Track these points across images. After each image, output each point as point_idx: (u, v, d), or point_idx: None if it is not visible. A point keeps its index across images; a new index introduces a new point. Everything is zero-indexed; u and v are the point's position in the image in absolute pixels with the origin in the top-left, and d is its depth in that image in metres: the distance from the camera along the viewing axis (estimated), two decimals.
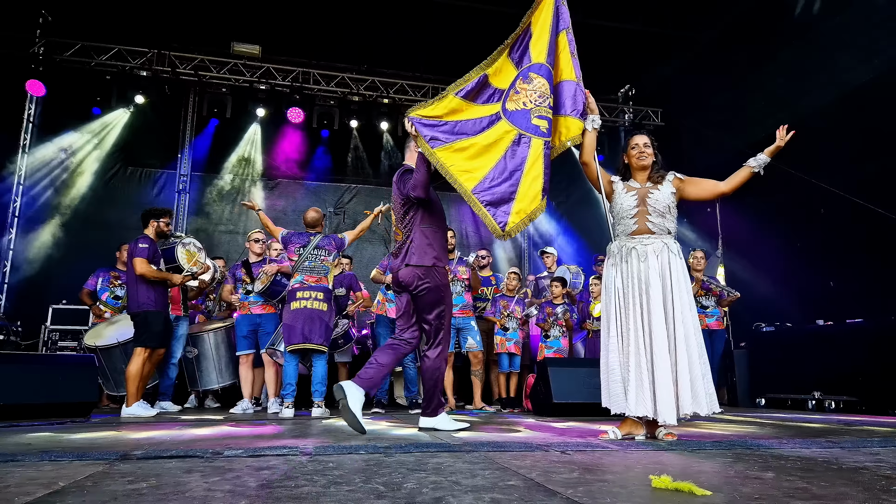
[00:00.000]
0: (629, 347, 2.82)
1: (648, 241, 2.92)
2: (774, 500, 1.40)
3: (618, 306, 2.90)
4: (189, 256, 4.81)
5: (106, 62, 8.14)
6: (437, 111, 3.19)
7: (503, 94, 3.26)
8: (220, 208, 9.06)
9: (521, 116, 3.17)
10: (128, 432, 3.13)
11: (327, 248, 4.83)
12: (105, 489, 1.49)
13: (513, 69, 3.29)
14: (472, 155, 3.15)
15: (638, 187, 3.03)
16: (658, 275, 2.85)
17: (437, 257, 3.25)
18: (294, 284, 4.68)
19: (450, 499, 1.39)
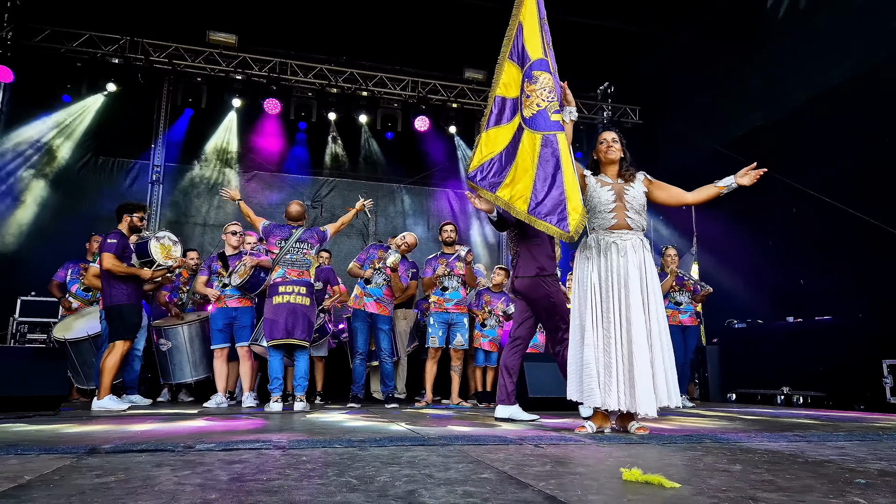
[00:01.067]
0: (609, 341, 2.82)
1: (627, 237, 2.97)
2: (741, 492, 1.43)
3: (594, 300, 2.90)
4: (163, 250, 4.74)
5: (77, 48, 7.92)
6: (481, 153, 3.25)
7: (518, 103, 3.25)
8: (195, 200, 8.89)
9: (539, 119, 3.13)
10: (97, 426, 3.07)
11: (310, 241, 4.79)
12: (72, 483, 1.45)
13: (518, 72, 3.27)
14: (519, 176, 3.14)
15: (611, 182, 3.10)
16: (637, 269, 2.90)
17: (541, 267, 3.60)
18: (276, 278, 4.61)
19: (422, 492, 1.39)
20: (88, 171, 8.44)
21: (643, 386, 2.72)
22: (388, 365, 5.25)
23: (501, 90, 3.27)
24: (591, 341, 2.85)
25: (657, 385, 2.76)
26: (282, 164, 9.26)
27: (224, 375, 5.11)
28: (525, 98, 3.19)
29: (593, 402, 2.82)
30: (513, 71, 3.27)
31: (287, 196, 9.09)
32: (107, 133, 8.43)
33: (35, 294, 6.59)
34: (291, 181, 9.28)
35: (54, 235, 7.55)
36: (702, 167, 8.25)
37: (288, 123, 9.07)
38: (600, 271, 2.94)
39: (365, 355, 5.20)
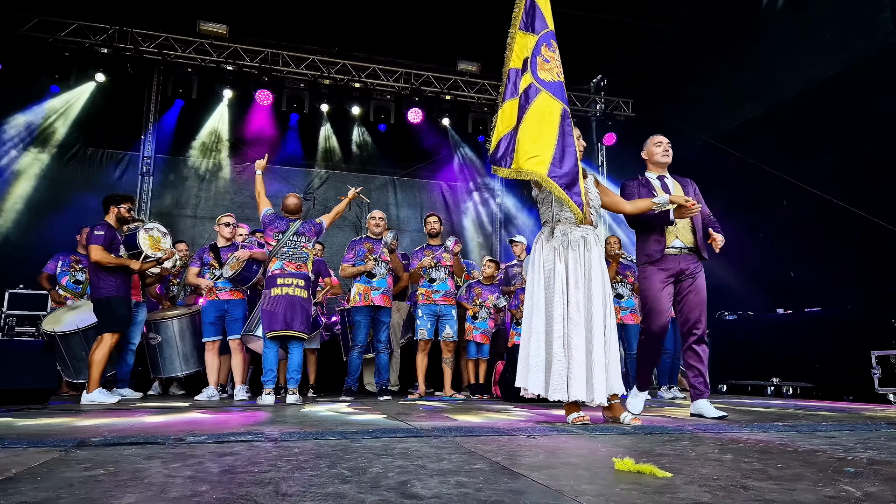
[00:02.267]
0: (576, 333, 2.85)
1: (590, 233, 3.07)
2: (732, 480, 1.44)
3: (562, 293, 2.91)
4: (152, 242, 4.69)
5: (65, 38, 7.80)
6: (499, 130, 3.03)
7: (528, 63, 3.03)
8: (185, 192, 8.81)
9: (559, 89, 3.01)
10: (87, 419, 3.05)
11: (307, 234, 4.77)
12: (60, 476, 1.44)
13: (531, 36, 3.08)
14: (532, 136, 2.90)
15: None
16: (598, 264, 3.02)
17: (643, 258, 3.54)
18: (274, 270, 4.61)
19: (415, 482, 1.39)
20: (77, 162, 8.35)
21: (599, 376, 2.83)
22: (384, 357, 5.26)
23: (514, 62, 3.10)
24: (560, 334, 2.87)
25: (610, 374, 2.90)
26: (274, 156, 9.16)
27: (216, 368, 5.09)
28: (543, 61, 3.03)
29: (559, 395, 2.81)
30: (524, 40, 3.09)
31: (279, 188, 9.02)
32: (96, 124, 8.35)
33: (23, 287, 6.53)
34: (284, 173, 9.22)
35: (43, 227, 7.49)
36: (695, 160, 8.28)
37: (280, 115, 9.00)
38: (568, 265, 2.96)
39: (363, 348, 5.20)
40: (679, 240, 3.42)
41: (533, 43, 3.07)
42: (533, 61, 3.04)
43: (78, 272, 5.81)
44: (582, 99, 9.84)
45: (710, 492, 1.31)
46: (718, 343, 6.76)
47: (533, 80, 3.00)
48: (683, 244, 3.43)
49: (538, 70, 3.02)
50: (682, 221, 3.41)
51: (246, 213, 8.60)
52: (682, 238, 3.43)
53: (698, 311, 3.39)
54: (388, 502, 1.19)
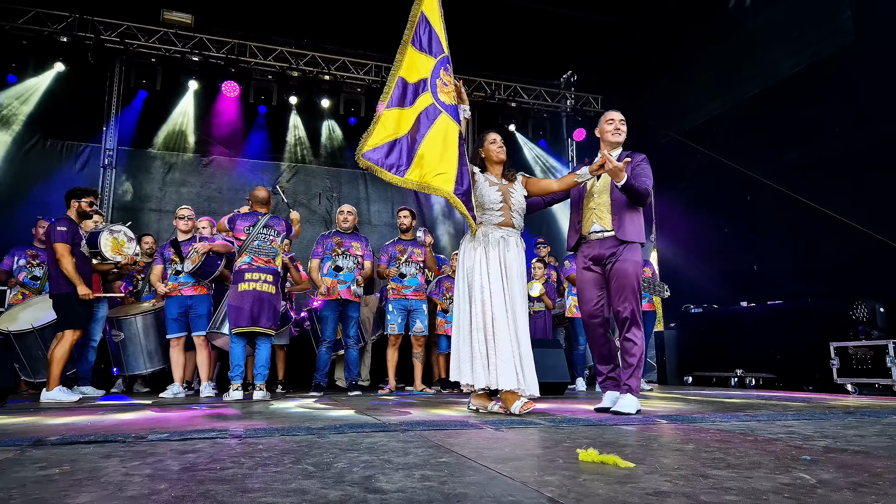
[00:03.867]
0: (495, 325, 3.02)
1: (511, 234, 3.25)
2: (692, 469, 1.47)
3: (482, 288, 3.08)
4: (115, 245, 4.55)
5: (22, 26, 7.50)
6: (380, 135, 3.14)
7: (428, 84, 3.24)
8: (149, 185, 8.57)
9: (455, 112, 3.23)
10: (45, 418, 2.95)
11: (276, 227, 4.70)
12: (13, 476, 1.39)
13: (427, 58, 3.28)
14: (438, 156, 3.12)
15: (498, 182, 3.32)
16: (517, 264, 3.20)
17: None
18: (242, 265, 4.52)
19: (380, 476, 1.38)
20: (35, 154, 8.03)
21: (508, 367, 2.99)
22: (353, 352, 5.23)
23: (404, 72, 3.26)
24: (480, 327, 3.05)
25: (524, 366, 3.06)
26: (241, 149, 9.01)
27: (181, 365, 4.98)
28: (443, 85, 3.25)
29: (480, 383, 3.02)
30: (417, 56, 3.29)
31: (246, 181, 8.86)
32: (55, 115, 8.03)
33: None
34: (251, 166, 9.04)
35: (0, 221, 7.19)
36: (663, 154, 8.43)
37: (247, 107, 8.81)
38: (490, 261, 3.14)
39: (332, 343, 5.17)
40: (597, 223, 3.28)
41: (432, 66, 3.27)
42: (433, 83, 3.24)
43: (35, 268, 5.61)
44: (552, 94, 9.92)
45: (670, 481, 1.33)
46: (684, 336, 6.93)
47: (434, 100, 3.22)
48: (602, 227, 3.26)
49: (438, 92, 3.23)
50: (600, 204, 3.29)
51: (213, 207, 8.41)
52: (599, 221, 3.28)
53: (621, 296, 3.17)
54: (352, 497, 1.18)
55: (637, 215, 3.27)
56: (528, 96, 9.73)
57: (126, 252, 4.62)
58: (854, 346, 4.86)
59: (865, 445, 1.88)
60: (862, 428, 2.37)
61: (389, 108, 3.19)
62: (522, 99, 9.69)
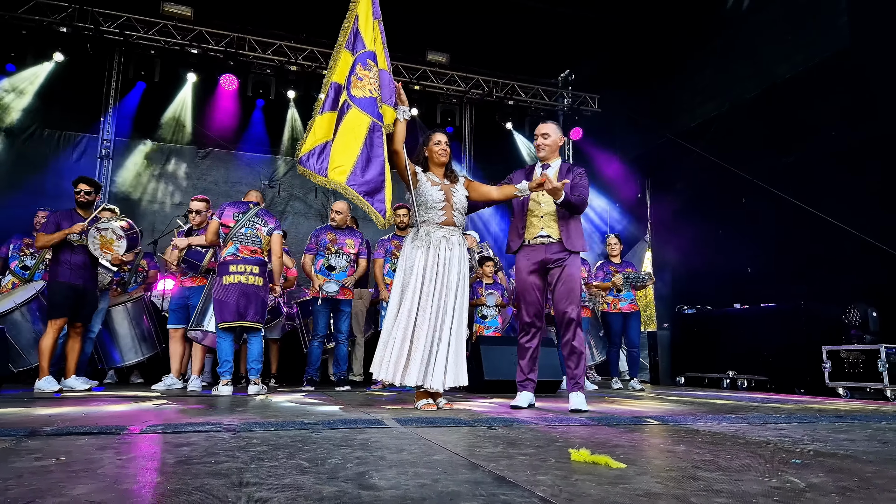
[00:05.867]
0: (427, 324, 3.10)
1: (453, 233, 3.32)
2: (683, 471, 1.48)
3: (417, 286, 3.16)
4: (103, 242, 4.45)
5: (22, 16, 7.46)
6: (311, 140, 3.26)
7: (346, 80, 3.33)
8: (146, 176, 8.55)
9: (369, 104, 3.27)
10: (38, 408, 2.95)
11: (265, 217, 4.62)
12: (10, 466, 1.39)
13: (350, 56, 3.37)
14: (341, 149, 3.21)
15: (440, 182, 3.39)
16: (457, 263, 3.26)
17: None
18: (227, 256, 4.38)
19: (373, 473, 1.39)
20: (33, 143, 8.02)
21: (440, 366, 3.09)
22: (343, 347, 5.23)
23: (336, 77, 3.36)
24: (411, 325, 3.12)
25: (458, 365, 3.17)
26: (238, 142, 9.00)
27: (179, 356, 4.98)
28: (356, 79, 3.30)
29: (395, 379, 3.08)
30: (347, 58, 3.38)
31: (243, 174, 8.87)
32: (53, 105, 8.03)
33: None
34: (248, 160, 9.03)
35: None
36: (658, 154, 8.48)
37: (245, 100, 8.81)
38: (428, 261, 3.21)
39: (324, 338, 5.17)
40: (544, 230, 3.42)
41: (350, 63, 3.35)
42: (349, 79, 3.32)
43: (27, 257, 5.56)
44: (550, 93, 9.94)
45: (661, 482, 1.35)
46: (677, 336, 6.96)
47: (346, 97, 3.29)
48: (548, 234, 3.41)
49: (351, 87, 3.30)
50: (547, 213, 3.41)
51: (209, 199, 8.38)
52: (547, 229, 3.42)
53: (569, 299, 3.33)
54: (346, 493, 1.19)
55: (580, 225, 3.47)
56: (526, 94, 9.74)
57: (115, 250, 4.51)
58: (846, 349, 4.90)
59: (855, 450, 1.90)
60: (852, 432, 2.39)
61: (322, 113, 3.31)
62: (520, 97, 9.70)
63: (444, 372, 3.11)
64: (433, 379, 3.09)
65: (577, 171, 3.46)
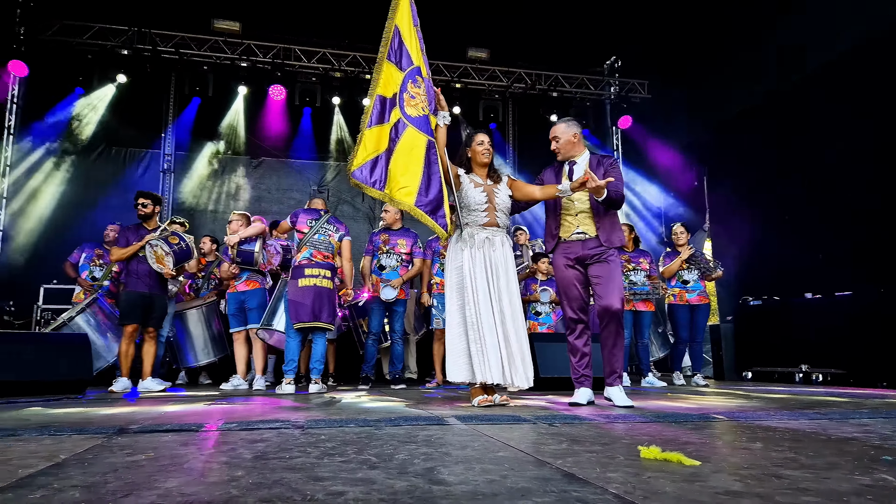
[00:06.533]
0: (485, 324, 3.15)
1: (496, 234, 3.37)
2: (763, 469, 1.42)
3: (473, 287, 3.21)
4: (157, 257, 4.74)
5: (87, 41, 7.96)
6: (363, 154, 3.34)
7: (398, 98, 3.38)
8: (204, 187, 8.94)
9: (423, 123, 3.34)
10: (123, 408, 3.14)
11: (336, 225, 4.83)
12: (105, 461, 1.49)
13: (398, 72, 3.42)
14: (402, 170, 3.29)
15: (483, 183, 3.42)
16: (503, 263, 3.30)
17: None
18: (302, 260, 4.62)
19: (441, 468, 1.41)
20: (102, 161, 8.53)
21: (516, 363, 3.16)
22: (398, 346, 5.32)
23: (381, 90, 3.41)
24: (472, 324, 3.17)
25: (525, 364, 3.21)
26: (288, 150, 9.29)
27: (242, 358, 5.19)
28: (409, 97, 3.37)
29: (476, 378, 3.14)
30: (392, 71, 3.43)
31: (294, 181, 9.16)
32: (118, 124, 8.52)
33: (57, 282, 6.74)
34: (298, 166, 9.30)
35: (72, 225, 7.70)
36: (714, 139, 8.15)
37: (293, 109, 9.08)
38: (475, 260, 3.25)
39: (378, 337, 5.28)
40: (580, 228, 3.37)
41: (401, 79, 3.40)
42: (401, 97, 3.38)
43: (96, 268, 5.89)
44: (595, 82, 9.73)
45: (740, 480, 1.30)
46: (742, 329, 6.67)
47: (401, 115, 3.36)
48: (584, 232, 3.36)
49: (405, 106, 3.36)
50: (581, 211, 3.37)
51: (262, 206, 8.73)
52: (582, 227, 3.37)
53: (610, 294, 3.26)
54: (417, 488, 1.21)
55: (616, 219, 3.41)
56: (570, 85, 9.57)
57: (166, 264, 4.74)
58: None
59: None
60: None
61: (370, 126, 3.36)
62: (564, 88, 9.54)
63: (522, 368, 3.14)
64: (512, 375, 3.13)
65: (608, 163, 3.37)
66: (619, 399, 3.20)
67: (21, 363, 3.79)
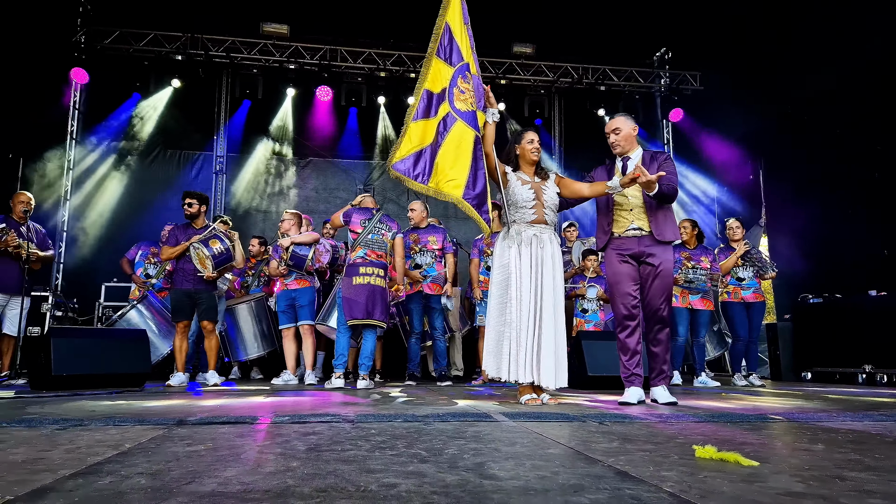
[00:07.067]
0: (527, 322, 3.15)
1: (544, 231, 3.34)
2: (825, 471, 1.37)
3: (518, 285, 3.21)
4: (199, 259, 4.90)
5: (143, 48, 8.33)
6: (406, 146, 3.35)
7: (447, 93, 3.39)
8: (255, 188, 9.22)
9: (471, 118, 3.37)
10: (180, 400, 3.28)
11: (389, 223, 4.91)
12: (167, 451, 1.57)
13: (447, 67, 3.43)
14: (450, 163, 3.30)
15: (530, 180, 3.40)
16: (550, 260, 3.27)
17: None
18: (356, 259, 4.72)
19: (490, 464, 1.41)
20: (158, 163, 8.91)
21: (547, 363, 3.12)
22: (441, 344, 5.35)
23: (429, 84, 3.41)
24: (514, 321, 3.17)
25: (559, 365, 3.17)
26: (334, 150, 9.46)
27: (292, 354, 5.33)
28: (459, 92, 3.38)
29: (514, 377, 3.15)
30: (441, 67, 3.44)
31: (340, 181, 9.32)
32: (173, 127, 8.87)
33: (117, 280, 7.09)
34: (345, 166, 9.46)
35: (131, 226, 8.08)
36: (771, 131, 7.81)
37: (339, 109, 9.24)
38: (522, 258, 3.25)
39: (420, 335, 5.35)
40: (635, 223, 3.35)
41: (450, 74, 3.41)
42: (451, 92, 3.38)
43: (150, 265, 6.15)
44: (645, 74, 9.47)
45: (802, 481, 1.25)
46: (801, 328, 6.38)
47: (450, 109, 3.36)
48: (639, 227, 3.33)
49: (455, 101, 3.37)
50: (636, 206, 3.34)
51: (310, 206, 8.92)
52: (637, 222, 3.35)
53: (663, 295, 3.29)
54: (468, 482, 1.22)
55: (671, 214, 3.37)
56: (619, 78, 9.35)
57: (207, 266, 4.86)
58: None
59: None
60: None
61: (416, 120, 3.38)
62: (612, 81, 9.33)
63: (553, 368, 3.15)
64: (539, 374, 3.13)
65: (661, 158, 3.37)
66: (662, 397, 3.23)
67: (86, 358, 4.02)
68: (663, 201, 3.27)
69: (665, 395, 3.23)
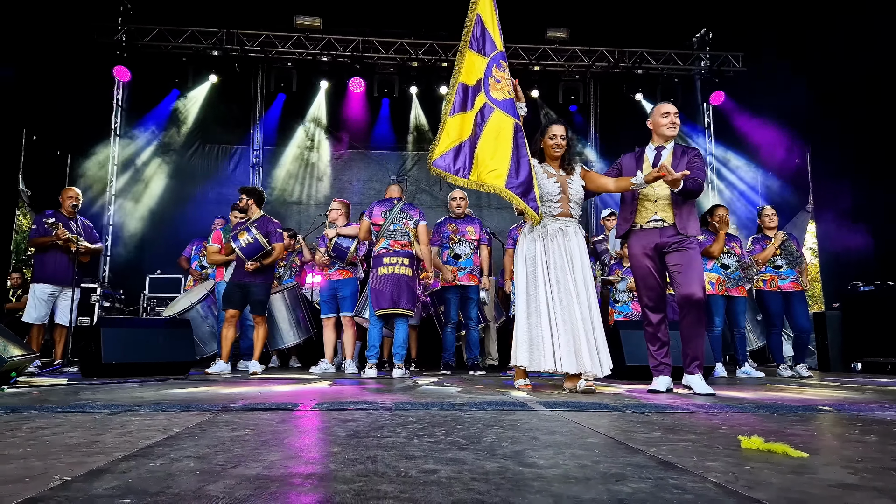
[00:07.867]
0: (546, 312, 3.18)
1: (569, 224, 3.37)
2: (879, 463, 1.31)
3: (544, 277, 3.24)
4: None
5: (181, 44, 8.52)
6: (445, 142, 3.36)
7: (482, 84, 3.36)
8: (290, 180, 9.37)
9: (509, 106, 3.35)
10: (222, 388, 3.38)
11: (409, 211, 4.92)
12: (213, 435, 1.62)
13: (481, 58, 3.40)
14: (490, 153, 3.27)
15: (556, 174, 3.42)
16: (577, 252, 3.31)
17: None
18: (380, 250, 4.78)
19: (529, 452, 1.41)
20: (197, 157, 9.15)
21: (583, 350, 3.13)
22: (474, 333, 5.36)
23: (464, 77, 3.39)
24: (544, 311, 3.20)
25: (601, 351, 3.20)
26: (368, 141, 9.52)
27: (331, 343, 5.42)
28: (494, 81, 3.34)
29: (545, 366, 3.15)
30: (474, 59, 3.41)
31: (373, 172, 9.38)
32: (211, 121, 9.08)
33: (161, 272, 7.33)
34: (378, 157, 9.51)
35: (173, 218, 8.35)
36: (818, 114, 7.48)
37: (372, 100, 9.28)
38: (547, 252, 3.28)
39: (456, 324, 5.37)
40: (658, 214, 3.35)
41: (485, 65, 3.38)
42: (486, 82, 3.36)
43: (203, 258, 6.39)
44: (684, 56, 9.17)
45: (855, 473, 1.20)
46: (851, 317, 6.14)
47: (487, 99, 3.34)
48: (662, 219, 3.33)
49: (490, 90, 3.34)
50: (661, 198, 3.33)
51: (344, 196, 8.91)
52: (661, 213, 3.35)
53: (690, 282, 3.23)
54: (508, 469, 1.21)
55: (694, 208, 3.37)
56: (657, 61, 9.09)
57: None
58: None
59: None
60: None
61: (452, 114, 3.38)
62: (650, 65, 9.08)
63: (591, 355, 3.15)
64: (581, 363, 3.14)
65: (691, 154, 3.37)
66: (699, 387, 3.18)
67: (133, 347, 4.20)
68: (686, 197, 3.27)
69: (701, 385, 3.18)
